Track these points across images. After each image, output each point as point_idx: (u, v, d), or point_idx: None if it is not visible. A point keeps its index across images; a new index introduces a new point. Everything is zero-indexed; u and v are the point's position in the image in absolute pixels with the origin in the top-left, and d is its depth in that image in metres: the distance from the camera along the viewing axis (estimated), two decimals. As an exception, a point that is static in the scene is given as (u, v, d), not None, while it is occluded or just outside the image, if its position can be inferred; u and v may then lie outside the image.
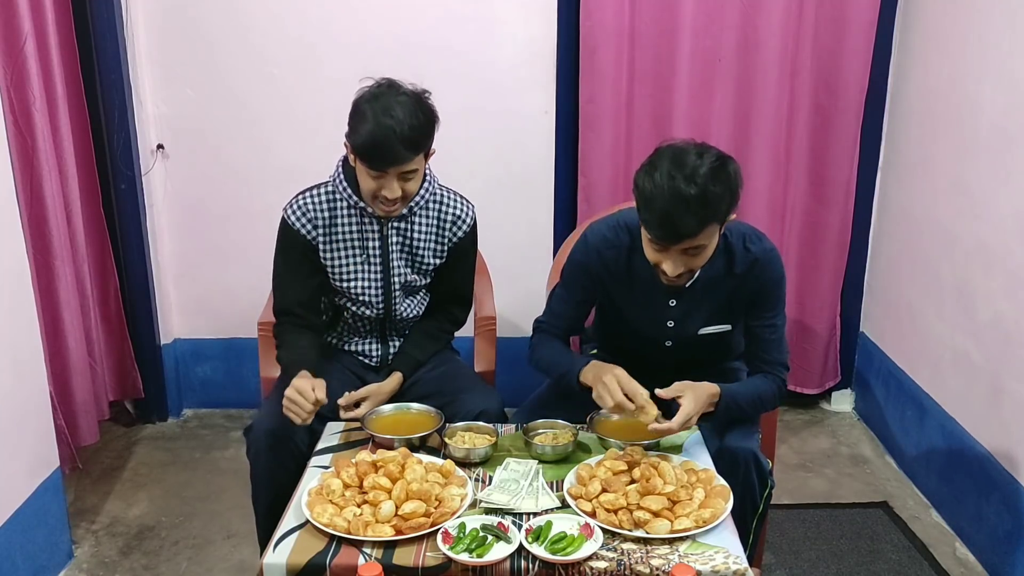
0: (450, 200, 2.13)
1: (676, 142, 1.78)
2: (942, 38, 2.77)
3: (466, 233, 2.14)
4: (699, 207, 1.68)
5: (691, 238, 1.73)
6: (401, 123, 1.85)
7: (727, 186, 1.72)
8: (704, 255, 1.81)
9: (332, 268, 2.10)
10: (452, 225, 2.11)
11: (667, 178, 1.68)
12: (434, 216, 2.11)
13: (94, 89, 2.90)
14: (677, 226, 1.70)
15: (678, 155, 1.72)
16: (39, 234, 2.57)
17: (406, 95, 1.91)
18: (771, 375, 1.98)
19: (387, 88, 1.92)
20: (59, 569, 2.42)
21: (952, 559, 2.51)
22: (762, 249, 1.93)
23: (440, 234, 2.12)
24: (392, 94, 1.90)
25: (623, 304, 2.06)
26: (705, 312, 1.99)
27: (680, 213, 1.68)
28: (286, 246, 2.10)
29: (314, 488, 1.69)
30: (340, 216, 2.07)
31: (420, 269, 2.14)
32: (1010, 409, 2.36)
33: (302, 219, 2.06)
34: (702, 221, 1.70)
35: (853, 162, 3.11)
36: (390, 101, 1.88)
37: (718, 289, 1.95)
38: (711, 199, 1.69)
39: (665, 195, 1.68)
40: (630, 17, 2.91)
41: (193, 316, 3.33)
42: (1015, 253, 2.34)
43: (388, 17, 2.99)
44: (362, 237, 2.08)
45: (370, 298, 2.12)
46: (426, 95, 1.95)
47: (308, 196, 2.08)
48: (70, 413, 2.71)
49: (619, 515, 1.60)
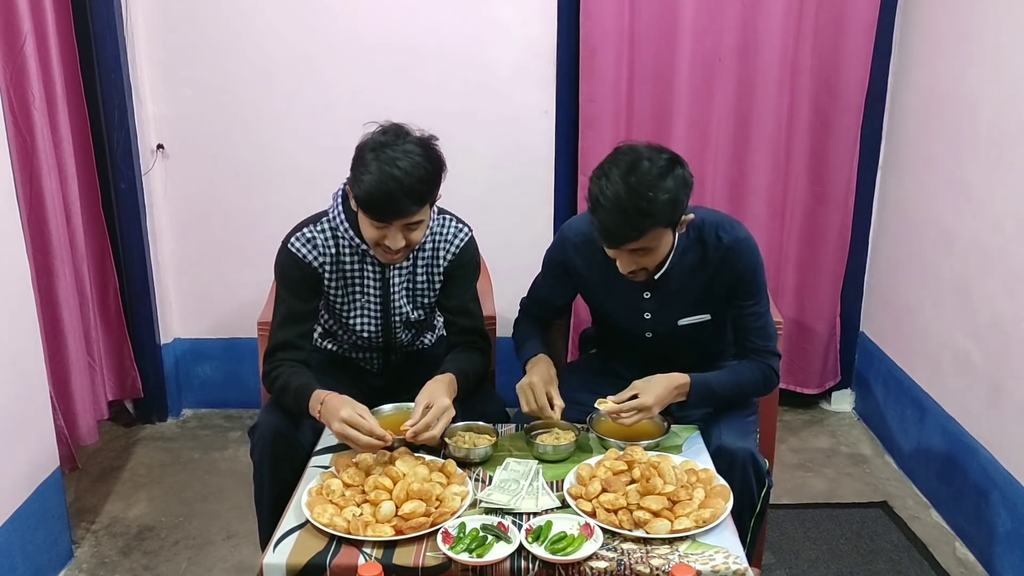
0: (446, 226, 2.06)
1: (633, 144, 1.82)
2: (942, 38, 2.77)
3: (455, 255, 2.05)
4: (638, 215, 1.73)
5: (632, 242, 1.78)
6: (408, 175, 1.76)
7: (672, 193, 1.75)
8: (655, 255, 1.85)
9: (333, 301, 2.06)
10: (445, 247, 2.05)
11: (611, 184, 1.73)
12: (430, 248, 2.05)
13: (94, 89, 2.90)
14: (615, 233, 1.77)
15: (628, 160, 1.76)
16: (39, 234, 2.57)
17: (412, 143, 1.81)
18: (755, 361, 2.00)
19: (393, 136, 1.82)
20: (59, 569, 2.42)
21: (952, 559, 2.51)
22: (733, 239, 1.94)
23: (435, 260, 2.06)
24: (398, 142, 1.80)
25: (602, 298, 2.12)
26: (681, 303, 2.02)
27: (619, 221, 1.74)
28: (291, 277, 1.99)
29: (314, 488, 1.69)
30: (342, 253, 2.00)
31: (421, 304, 2.10)
32: (1010, 409, 2.36)
33: (312, 252, 1.97)
34: (641, 228, 1.75)
35: (853, 162, 3.11)
36: (396, 151, 1.78)
37: (692, 280, 1.98)
38: (651, 208, 1.73)
39: (607, 202, 1.73)
40: (630, 17, 2.91)
41: (193, 316, 3.33)
42: (1015, 253, 2.34)
43: (388, 17, 2.99)
44: (363, 277, 2.03)
45: (369, 334, 2.10)
46: (434, 141, 1.86)
47: (312, 230, 1.98)
48: (70, 413, 2.71)
49: (619, 515, 1.60)
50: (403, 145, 1.80)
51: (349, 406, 1.80)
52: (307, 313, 2.02)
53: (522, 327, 2.22)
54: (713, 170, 3.07)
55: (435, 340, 2.30)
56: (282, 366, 1.97)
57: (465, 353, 2.08)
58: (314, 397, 1.86)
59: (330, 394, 1.85)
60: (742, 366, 2.01)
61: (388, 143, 1.80)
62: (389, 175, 1.76)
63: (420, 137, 1.84)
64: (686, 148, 3.01)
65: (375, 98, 3.02)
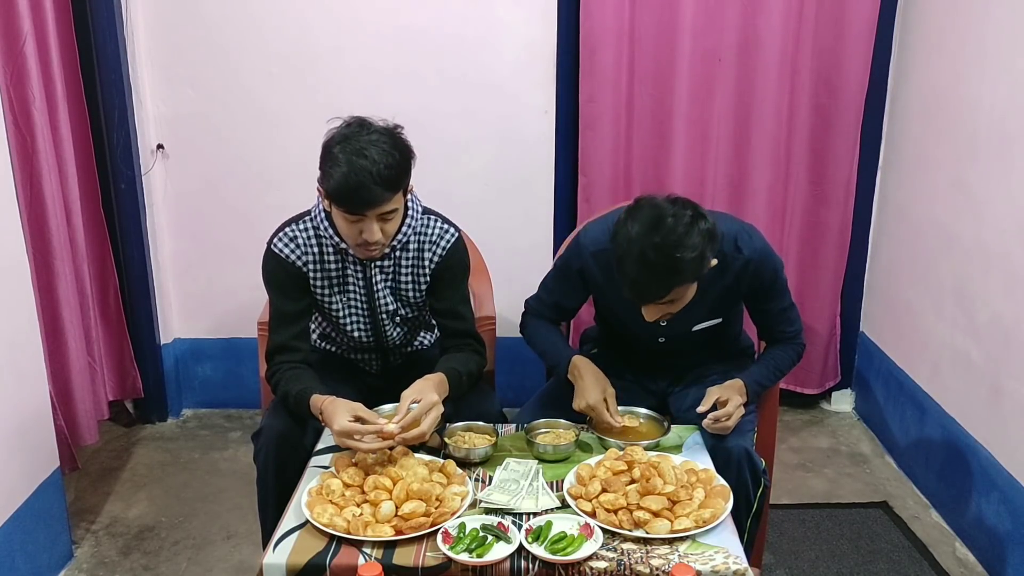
0: (431, 227, 2.04)
1: (654, 198, 1.79)
2: (942, 38, 2.77)
3: (441, 256, 2.03)
4: (665, 274, 1.73)
5: (659, 299, 1.80)
6: (376, 163, 1.76)
7: (698, 250, 1.73)
8: (681, 303, 1.87)
9: (321, 300, 2.06)
10: (431, 247, 2.03)
11: (638, 242, 1.72)
12: (415, 248, 2.03)
13: (94, 89, 2.90)
14: (643, 292, 1.78)
15: (651, 218, 1.73)
16: (39, 234, 2.57)
17: (378, 133, 1.82)
18: (787, 344, 2.11)
19: (358, 128, 1.82)
20: (59, 569, 2.43)
21: (952, 559, 2.51)
22: (753, 249, 1.95)
23: (420, 260, 2.04)
24: (363, 133, 1.81)
25: (616, 304, 2.10)
26: (698, 311, 2.02)
27: (646, 279, 1.74)
28: (278, 278, 2.00)
29: (314, 488, 1.69)
30: (325, 253, 2.00)
31: (407, 301, 2.09)
32: (1010, 409, 2.36)
33: (296, 251, 1.98)
34: (669, 286, 1.76)
35: (853, 162, 3.11)
36: (362, 141, 1.79)
37: (711, 290, 1.97)
38: (679, 266, 1.72)
39: (634, 260, 1.72)
40: (630, 17, 2.91)
41: (193, 316, 3.33)
42: (1014, 253, 2.34)
43: (388, 17, 2.99)
44: (346, 275, 2.02)
45: (360, 332, 2.10)
46: (399, 130, 1.86)
47: (295, 229, 1.99)
48: (70, 413, 2.71)
49: (619, 515, 1.60)
50: (368, 135, 1.80)
51: (343, 414, 1.78)
52: (299, 313, 2.02)
53: (540, 328, 2.19)
54: (713, 170, 3.07)
55: (434, 340, 2.29)
56: (280, 370, 1.97)
57: (458, 353, 2.07)
58: (312, 404, 1.87)
59: (326, 401, 1.84)
60: (776, 351, 2.11)
61: (352, 135, 1.81)
62: (357, 165, 1.76)
63: (385, 127, 1.85)
64: (686, 148, 3.01)
65: (376, 98, 3.02)
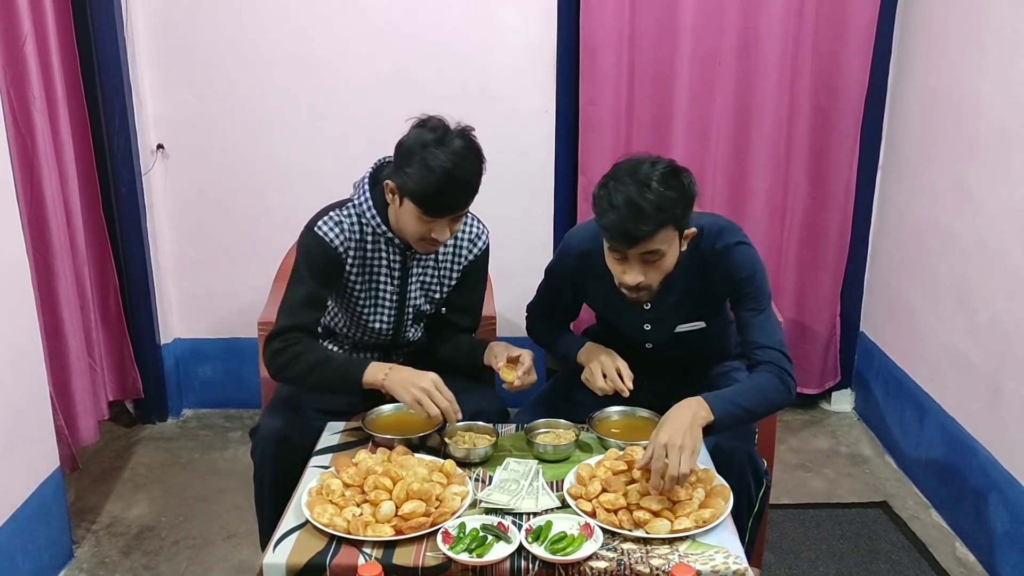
0: (471, 224, 2.11)
1: (632, 155, 1.84)
2: (942, 38, 2.77)
3: (477, 256, 2.11)
4: (653, 209, 1.74)
5: (647, 240, 1.76)
6: (465, 172, 1.82)
7: (680, 191, 1.77)
8: (663, 264, 1.83)
9: (351, 290, 2.06)
10: (468, 246, 2.10)
11: (620, 185, 1.76)
12: (452, 244, 2.09)
13: (94, 89, 2.90)
14: (632, 231, 1.75)
15: (632, 166, 1.79)
16: (39, 234, 2.57)
17: (460, 139, 1.85)
18: (764, 364, 1.87)
19: (442, 133, 1.84)
20: (59, 569, 2.43)
21: (952, 559, 2.51)
22: (726, 245, 1.93)
23: (456, 258, 2.11)
24: (448, 138, 1.83)
25: (603, 308, 2.16)
26: (678, 310, 2.03)
27: (632, 217, 1.74)
28: (317, 262, 1.96)
29: (314, 488, 1.69)
30: (367, 242, 2.01)
31: (433, 299, 2.13)
32: (1009, 409, 2.36)
33: (340, 236, 1.97)
34: (656, 223, 1.75)
35: (853, 162, 3.11)
36: (449, 148, 1.81)
37: (690, 288, 1.98)
38: (663, 202, 1.74)
39: (620, 201, 1.74)
40: (630, 19, 2.91)
41: (193, 316, 3.33)
42: (1014, 253, 2.34)
43: (388, 18, 2.99)
44: (382, 265, 2.04)
45: (381, 326, 2.11)
46: (471, 132, 1.90)
47: (339, 214, 1.98)
48: (70, 413, 2.71)
49: (619, 515, 1.60)
50: (452, 141, 1.83)
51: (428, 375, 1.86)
52: (322, 299, 2.02)
53: (546, 327, 2.24)
54: (713, 171, 3.07)
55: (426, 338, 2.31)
56: (303, 341, 1.93)
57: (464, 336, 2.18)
58: (373, 368, 1.90)
59: (393, 365, 1.91)
60: (753, 374, 1.89)
61: (437, 140, 1.83)
62: (450, 174, 1.80)
63: (461, 130, 1.88)
64: (686, 149, 3.01)
65: (375, 100, 3.03)
